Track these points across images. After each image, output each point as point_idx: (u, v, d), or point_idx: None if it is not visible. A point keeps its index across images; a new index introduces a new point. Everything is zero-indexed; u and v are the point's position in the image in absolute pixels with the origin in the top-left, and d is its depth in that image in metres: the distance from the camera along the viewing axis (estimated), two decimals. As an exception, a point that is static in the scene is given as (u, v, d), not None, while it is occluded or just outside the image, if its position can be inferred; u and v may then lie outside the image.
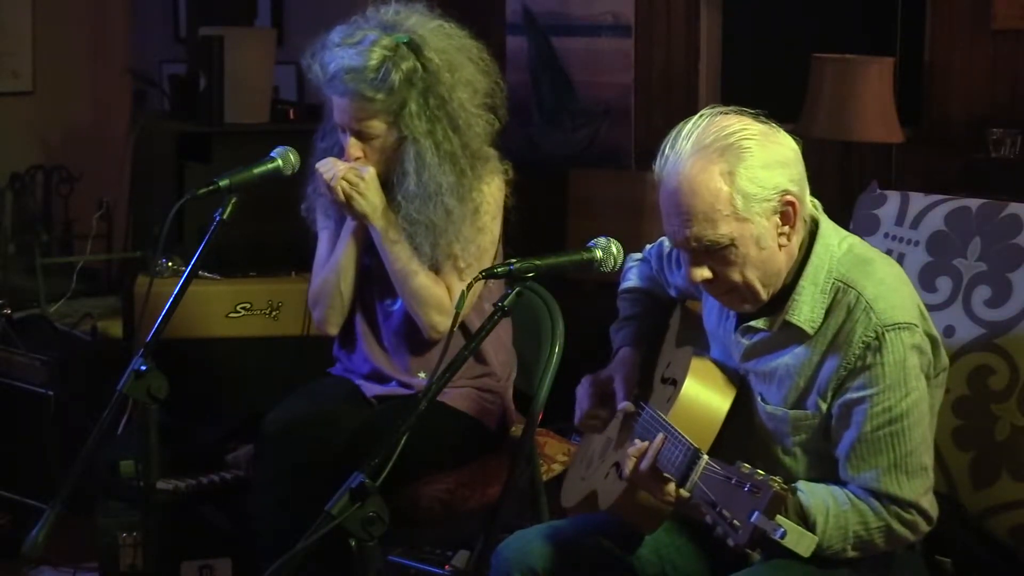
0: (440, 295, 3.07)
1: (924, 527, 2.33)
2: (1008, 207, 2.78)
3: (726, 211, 2.26)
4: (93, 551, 3.77)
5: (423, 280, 3.06)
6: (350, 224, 3.13)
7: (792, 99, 4.70)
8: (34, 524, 2.50)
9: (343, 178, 3.03)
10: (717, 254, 2.29)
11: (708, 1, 5.35)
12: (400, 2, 3.12)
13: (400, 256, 3.06)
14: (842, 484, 2.32)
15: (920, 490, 2.30)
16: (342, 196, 3.04)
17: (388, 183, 3.09)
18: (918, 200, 2.91)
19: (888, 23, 5.02)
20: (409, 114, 3.02)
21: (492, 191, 3.11)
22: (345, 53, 2.99)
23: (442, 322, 3.07)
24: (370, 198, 3.04)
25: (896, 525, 2.29)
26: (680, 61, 5.42)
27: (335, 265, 3.15)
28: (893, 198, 2.94)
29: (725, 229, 2.27)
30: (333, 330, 3.21)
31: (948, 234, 2.82)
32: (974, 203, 2.83)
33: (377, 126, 3.04)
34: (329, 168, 3.06)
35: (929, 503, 2.32)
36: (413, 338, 3.15)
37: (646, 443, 2.34)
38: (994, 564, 2.63)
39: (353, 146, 3.06)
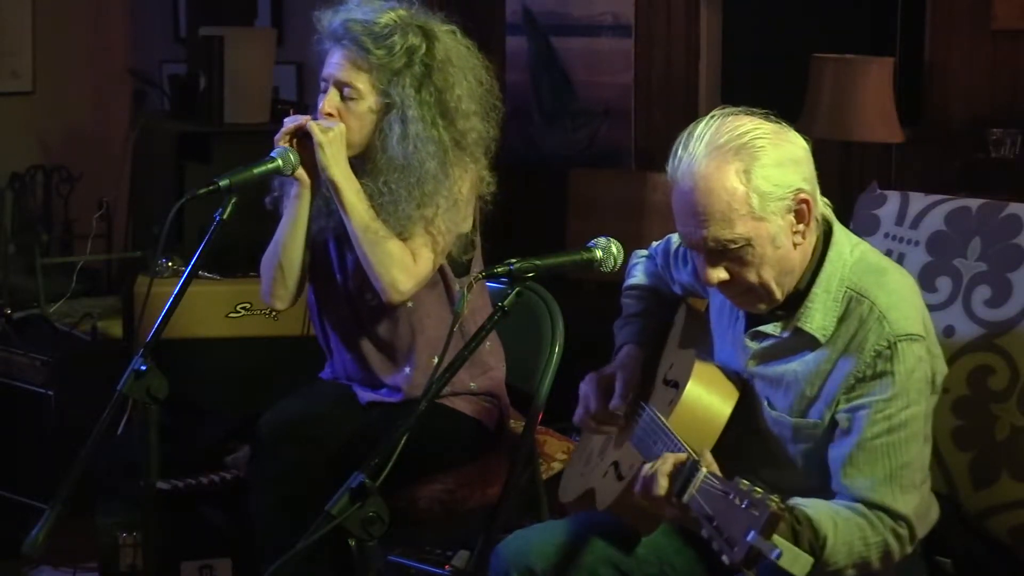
0: (405, 256, 2.99)
1: (909, 547, 2.31)
2: (1008, 207, 2.77)
3: (743, 210, 2.25)
4: (93, 551, 3.77)
5: (387, 241, 2.98)
6: (291, 199, 3.07)
7: (792, 99, 4.70)
8: (34, 524, 2.49)
9: (311, 123, 2.98)
10: (733, 254, 2.29)
11: (708, 1, 5.35)
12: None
13: (362, 215, 2.98)
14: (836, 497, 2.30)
15: (912, 505, 2.29)
16: (316, 131, 2.94)
17: (357, 157, 3.03)
18: (918, 200, 2.91)
19: (888, 23, 5.03)
20: (403, 85, 2.98)
21: (463, 185, 3.06)
22: (359, 10, 3.02)
23: (404, 281, 2.98)
24: (335, 148, 2.96)
25: (891, 539, 2.27)
26: (680, 61, 5.42)
27: (276, 238, 3.10)
28: (893, 198, 2.94)
29: (742, 229, 2.26)
30: (279, 304, 3.15)
31: (948, 234, 2.82)
32: (974, 203, 2.83)
33: (364, 86, 2.98)
34: (294, 119, 3.01)
35: (917, 520, 2.31)
36: (391, 338, 3.14)
37: (653, 466, 2.26)
38: (994, 564, 2.63)
39: (330, 100, 3.00)
